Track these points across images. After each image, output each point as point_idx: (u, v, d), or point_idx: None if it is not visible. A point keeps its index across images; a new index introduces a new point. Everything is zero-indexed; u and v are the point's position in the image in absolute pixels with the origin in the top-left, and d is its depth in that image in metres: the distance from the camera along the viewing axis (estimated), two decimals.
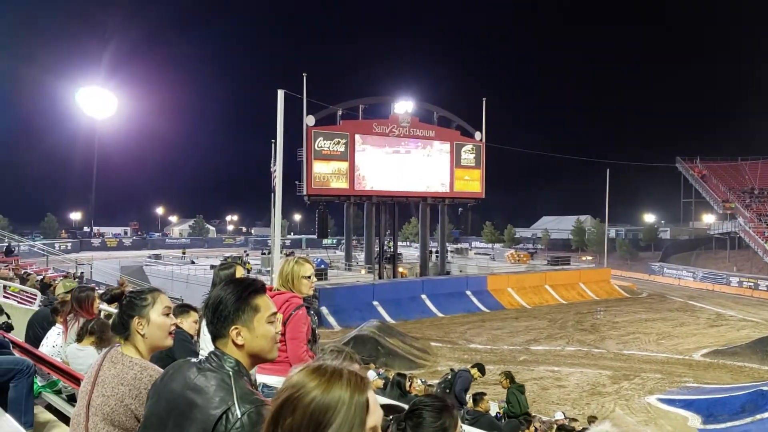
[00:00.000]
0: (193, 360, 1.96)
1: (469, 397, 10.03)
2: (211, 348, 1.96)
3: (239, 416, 1.70)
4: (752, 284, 42.47)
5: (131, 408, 2.26)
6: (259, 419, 1.70)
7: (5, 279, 13.08)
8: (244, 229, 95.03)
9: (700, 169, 58.69)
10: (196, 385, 1.82)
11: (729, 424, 13.68)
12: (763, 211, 52.06)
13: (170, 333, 2.51)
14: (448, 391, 10.03)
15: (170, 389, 1.88)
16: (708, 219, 60.62)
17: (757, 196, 54.70)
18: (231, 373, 1.83)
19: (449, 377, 10.74)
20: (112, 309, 3.55)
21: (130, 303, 2.44)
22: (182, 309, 4.24)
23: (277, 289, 3.90)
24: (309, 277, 3.93)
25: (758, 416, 13.34)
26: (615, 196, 46.41)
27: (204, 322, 2.37)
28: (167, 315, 2.49)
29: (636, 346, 24.31)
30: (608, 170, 44.45)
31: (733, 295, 41.02)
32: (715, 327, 29.05)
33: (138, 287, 2.60)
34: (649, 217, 70.48)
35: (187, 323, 4.16)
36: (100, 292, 4.97)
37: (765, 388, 14.89)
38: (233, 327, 1.88)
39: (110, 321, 2.57)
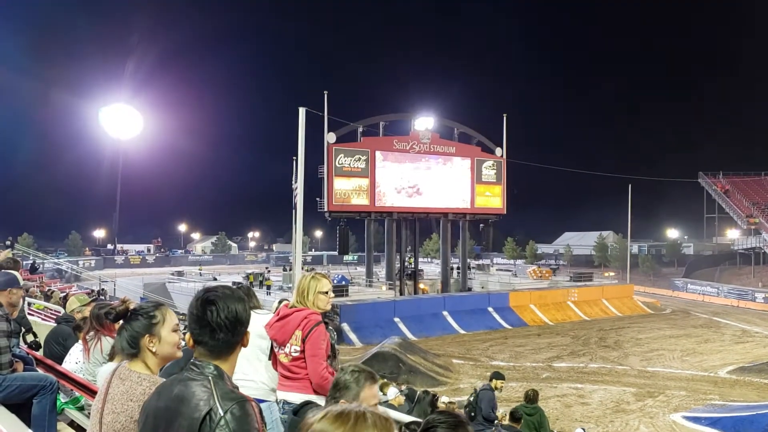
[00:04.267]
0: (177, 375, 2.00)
1: (502, 412, 10.09)
2: None
3: (222, 414, 1.74)
4: None
5: None
6: (242, 414, 1.76)
7: (30, 296, 13.30)
8: (266, 246, 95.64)
9: (723, 184, 58.03)
10: (178, 396, 1.85)
11: None
12: None
13: (178, 346, 2.55)
14: (473, 414, 10.02)
15: (156, 406, 1.92)
16: (732, 234, 59.77)
17: None
18: (211, 377, 1.87)
19: (471, 399, 10.73)
20: None
21: (140, 322, 2.44)
22: None
23: (294, 306, 3.90)
24: (326, 292, 3.91)
25: None
26: (637, 212, 46.12)
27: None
28: (176, 331, 2.50)
29: (660, 363, 24.06)
30: (630, 186, 44.29)
31: (758, 312, 40.36)
32: (741, 344, 28.61)
33: (142, 305, 2.59)
34: (672, 233, 69.68)
35: None
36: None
37: None
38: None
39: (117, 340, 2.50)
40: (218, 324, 1.94)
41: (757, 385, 20.10)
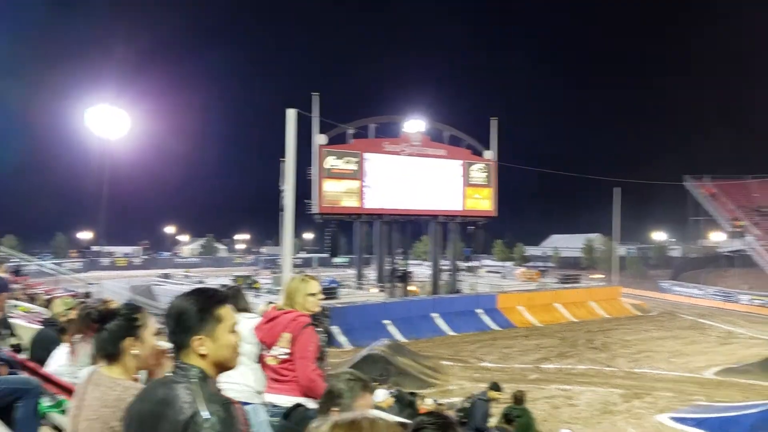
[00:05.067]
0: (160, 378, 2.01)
1: (498, 415, 10.14)
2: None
3: (206, 417, 1.73)
4: (762, 302, 42.17)
5: (117, 430, 2.16)
6: (227, 417, 1.76)
7: (14, 299, 13.13)
8: (255, 248, 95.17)
9: (708, 188, 58.52)
10: (163, 399, 1.82)
11: None
12: None
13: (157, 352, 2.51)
14: (466, 421, 10.04)
15: (138, 410, 1.89)
16: (717, 237, 60.26)
17: (765, 214, 54.46)
18: (196, 380, 1.85)
19: (467, 406, 10.72)
20: None
21: (122, 324, 2.40)
22: None
23: (282, 308, 3.90)
24: (314, 294, 3.91)
25: None
26: (625, 214, 46.35)
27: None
28: (156, 335, 2.48)
29: (647, 365, 24.22)
30: (618, 189, 44.56)
31: (743, 313, 40.71)
32: (726, 345, 28.88)
33: (123, 307, 2.55)
34: (659, 236, 70.15)
35: None
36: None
37: None
38: (196, 337, 1.91)
39: (97, 341, 2.46)
40: (167, 322, 1.97)
41: (741, 386, 20.28)
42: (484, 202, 40.23)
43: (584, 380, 21.48)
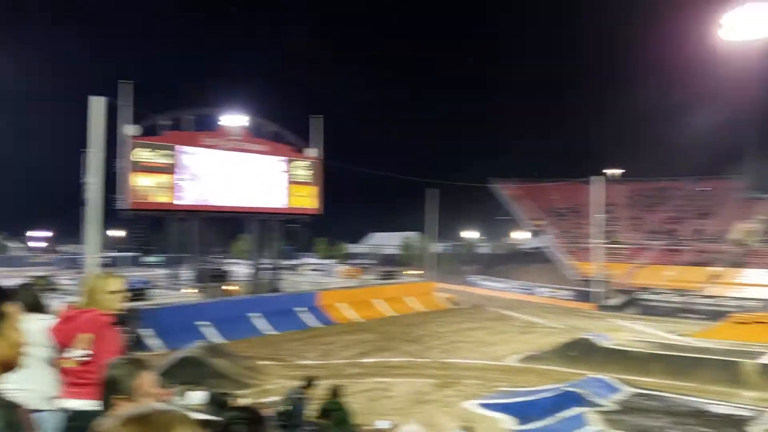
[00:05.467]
0: None
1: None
2: None
3: None
4: (557, 294, 47.06)
5: None
6: (11, 421, 1.63)
7: None
8: (54, 247, 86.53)
9: (512, 190, 63.87)
10: None
11: (539, 424, 14.87)
12: (566, 228, 57.94)
13: None
14: (286, 424, 9.75)
15: None
16: (520, 235, 66.25)
17: (561, 215, 60.78)
18: None
19: (288, 407, 10.42)
20: None
21: None
22: None
23: (81, 307, 3.71)
24: (115, 292, 3.74)
25: (560, 415, 14.73)
26: (440, 214, 48.90)
27: None
28: None
29: (457, 355, 25.69)
30: (436, 190, 46.96)
31: (541, 305, 44.96)
32: (527, 334, 31.57)
33: None
34: (470, 234, 75.42)
35: None
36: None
37: (567, 388, 16.53)
38: None
39: None
40: None
41: (539, 372, 22.21)
42: (308, 199, 39.98)
43: (400, 372, 22.20)
